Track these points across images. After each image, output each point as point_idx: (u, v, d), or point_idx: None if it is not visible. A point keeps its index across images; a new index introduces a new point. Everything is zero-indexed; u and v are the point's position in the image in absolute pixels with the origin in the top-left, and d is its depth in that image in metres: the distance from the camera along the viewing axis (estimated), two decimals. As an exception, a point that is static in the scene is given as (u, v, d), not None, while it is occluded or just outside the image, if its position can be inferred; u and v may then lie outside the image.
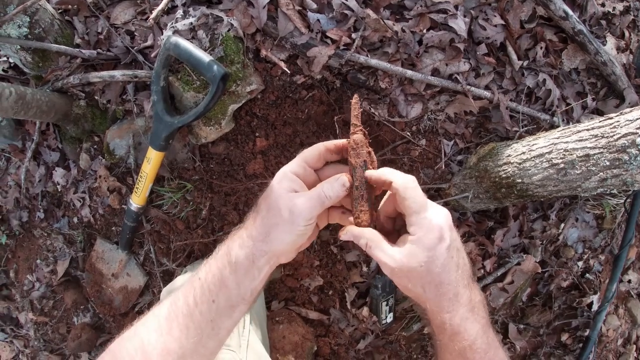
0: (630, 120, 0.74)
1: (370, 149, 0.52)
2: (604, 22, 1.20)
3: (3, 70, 1.25)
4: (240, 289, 0.49)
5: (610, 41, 1.19)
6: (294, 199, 0.48)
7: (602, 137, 0.78)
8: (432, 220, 0.47)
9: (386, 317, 1.14)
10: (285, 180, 0.50)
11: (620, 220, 1.34)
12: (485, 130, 1.10)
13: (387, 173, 0.50)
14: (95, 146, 1.22)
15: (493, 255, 1.19)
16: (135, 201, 1.10)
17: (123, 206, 1.19)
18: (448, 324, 0.47)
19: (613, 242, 1.38)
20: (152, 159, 1.04)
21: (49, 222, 1.37)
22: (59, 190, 1.31)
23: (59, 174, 1.30)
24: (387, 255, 0.47)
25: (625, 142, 0.73)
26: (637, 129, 0.72)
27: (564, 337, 1.41)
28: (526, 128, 1.10)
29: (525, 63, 1.09)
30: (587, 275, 1.40)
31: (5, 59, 1.25)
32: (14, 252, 1.46)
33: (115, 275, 1.27)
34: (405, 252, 0.46)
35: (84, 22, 1.16)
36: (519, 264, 1.25)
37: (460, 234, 1.15)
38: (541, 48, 1.09)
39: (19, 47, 1.07)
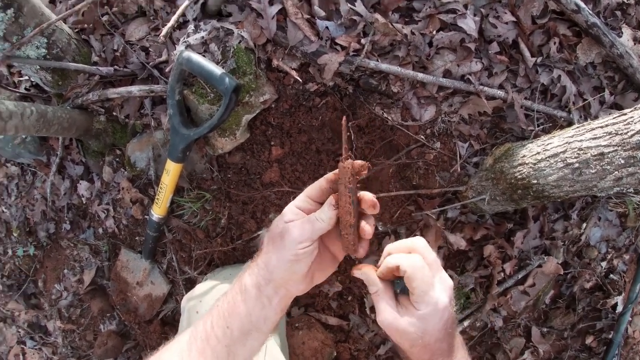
0: None
1: (355, 175, 0.51)
2: (619, 13, 1.16)
3: (25, 89, 1.31)
4: (251, 317, 0.51)
5: (627, 32, 1.15)
6: (287, 226, 0.51)
7: (616, 134, 0.75)
8: (438, 302, 0.49)
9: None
10: (288, 213, 0.52)
11: (647, 218, 1.29)
12: (501, 131, 1.08)
13: (394, 260, 0.51)
14: (117, 159, 1.26)
15: (513, 258, 1.16)
16: (157, 212, 1.13)
17: (145, 217, 1.23)
18: None
19: (638, 240, 1.33)
20: (171, 171, 1.07)
21: (75, 233, 1.42)
22: (84, 202, 1.36)
23: (83, 187, 1.35)
24: (389, 312, 0.50)
25: None
26: None
27: (589, 340, 1.38)
28: (542, 127, 1.08)
29: (539, 60, 1.06)
30: (611, 275, 1.35)
31: (26, 77, 1.31)
32: (42, 263, 1.53)
33: (139, 283, 1.31)
34: (407, 320, 0.49)
35: (100, 40, 1.20)
36: (540, 266, 1.22)
37: (479, 237, 1.13)
38: (555, 43, 1.06)
39: (38, 67, 1.11)
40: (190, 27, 1.04)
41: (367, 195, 0.52)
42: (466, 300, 1.21)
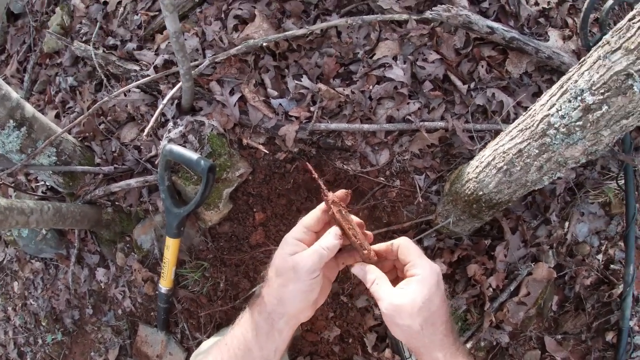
0: (543, 104, 0.79)
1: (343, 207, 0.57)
2: (542, 20, 1.24)
3: (42, 192, 1.52)
4: (263, 351, 0.53)
5: (553, 34, 1.22)
6: (295, 258, 0.53)
7: (526, 129, 0.82)
8: (431, 265, 0.53)
9: (410, 355, 1.16)
10: (287, 245, 0.55)
11: (627, 202, 1.30)
12: (452, 157, 1.18)
13: (387, 242, 0.58)
14: (127, 245, 1.41)
15: (497, 272, 1.20)
16: (164, 284, 1.26)
17: (156, 292, 1.35)
18: None
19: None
20: (170, 246, 1.21)
21: (98, 317, 1.55)
22: (103, 287, 1.50)
23: (100, 273, 1.50)
24: (394, 292, 0.52)
25: (544, 126, 0.77)
26: (549, 109, 0.76)
27: (609, 336, 1.33)
28: (487, 142, 1.16)
29: (472, 85, 1.16)
30: (612, 266, 1.35)
31: (43, 182, 1.52)
32: (70, 349, 1.64)
33: (159, 356, 1.39)
34: (411, 290, 0.51)
35: (100, 144, 1.41)
36: (530, 273, 1.24)
37: (457, 258, 1.19)
38: (482, 67, 1.17)
39: (51, 172, 1.30)
40: (170, 124, 1.23)
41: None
42: (464, 323, 1.23)
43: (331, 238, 0.54)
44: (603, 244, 1.37)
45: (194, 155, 1.11)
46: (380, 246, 0.58)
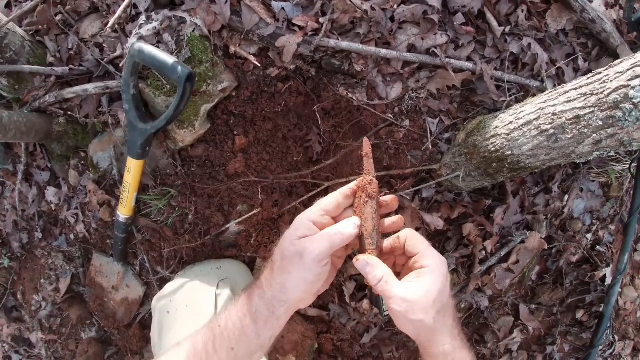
0: (621, 72, 0.67)
1: (377, 194, 0.55)
2: None
3: (-13, 98, 1.27)
4: (260, 338, 0.51)
5: None
6: (304, 243, 0.49)
7: (592, 94, 0.70)
8: (440, 255, 0.52)
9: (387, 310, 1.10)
10: (301, 227, 0.51)
11: (628, 187, 1.27)
12: (472, 104, 1.05)
13: (393, 237, 0.56)
14: (82, 162, 1.22)
15: (494, 235, 1.13)
16: (122, 212, 1.10)
17: (113, 218, 1.19)
18: (450, 353, 0.50)
19: (622, 210, 1.31)
20: (132, 168, 1.03)
21: (48, 242, 1.38)
22: (53, 208, 1.32)
23: (51, 193, 1.31)
24: (405, 289, 0.48)
25: (617, 97, 0.66)
26: (628, 80, 0.64)
27: (579, 314, 1.35)
28: (515, 97, 1.04)
29: (508, 29, 1.03)
30: (598, 247, 1.33)
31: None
32: (19, 274, 1.49)
33: (115, 287, 1.27)
34: (425, 282, 0.49)
35: (55, 40, 1.16)
36: (523, 242, 1.19)
37: (457, 216, 1.10)
38: (522, 11, 1.03)
39: None
40: (142, 18, 1.00)
41: (389, 198, 0.56)
42: (449, 282, 1.18)
43: (350, 227, 0.51)
44: (594, 224, 1.34)
45: (169, 59, 0.91)
46: (387, 242, 0.57)
